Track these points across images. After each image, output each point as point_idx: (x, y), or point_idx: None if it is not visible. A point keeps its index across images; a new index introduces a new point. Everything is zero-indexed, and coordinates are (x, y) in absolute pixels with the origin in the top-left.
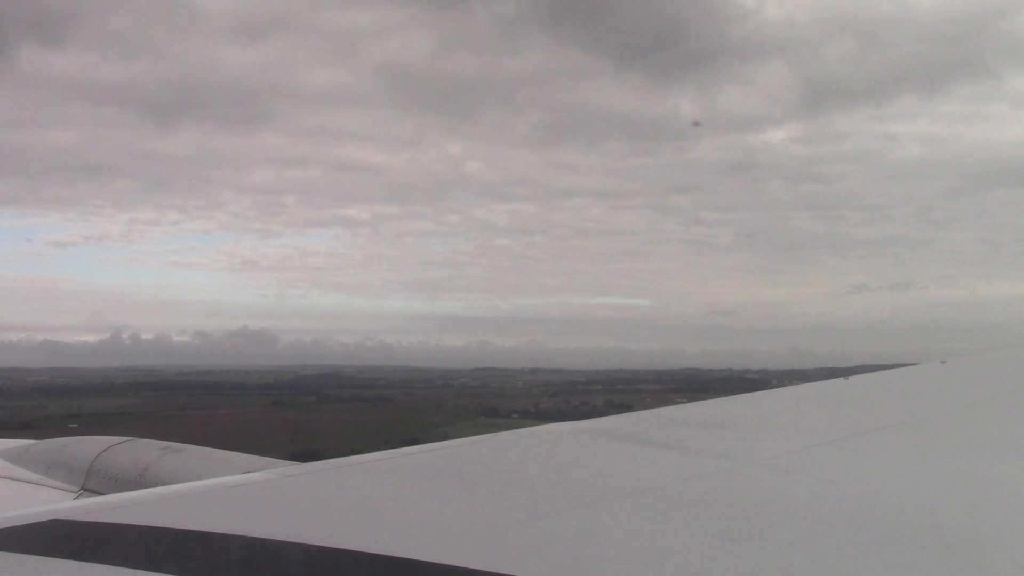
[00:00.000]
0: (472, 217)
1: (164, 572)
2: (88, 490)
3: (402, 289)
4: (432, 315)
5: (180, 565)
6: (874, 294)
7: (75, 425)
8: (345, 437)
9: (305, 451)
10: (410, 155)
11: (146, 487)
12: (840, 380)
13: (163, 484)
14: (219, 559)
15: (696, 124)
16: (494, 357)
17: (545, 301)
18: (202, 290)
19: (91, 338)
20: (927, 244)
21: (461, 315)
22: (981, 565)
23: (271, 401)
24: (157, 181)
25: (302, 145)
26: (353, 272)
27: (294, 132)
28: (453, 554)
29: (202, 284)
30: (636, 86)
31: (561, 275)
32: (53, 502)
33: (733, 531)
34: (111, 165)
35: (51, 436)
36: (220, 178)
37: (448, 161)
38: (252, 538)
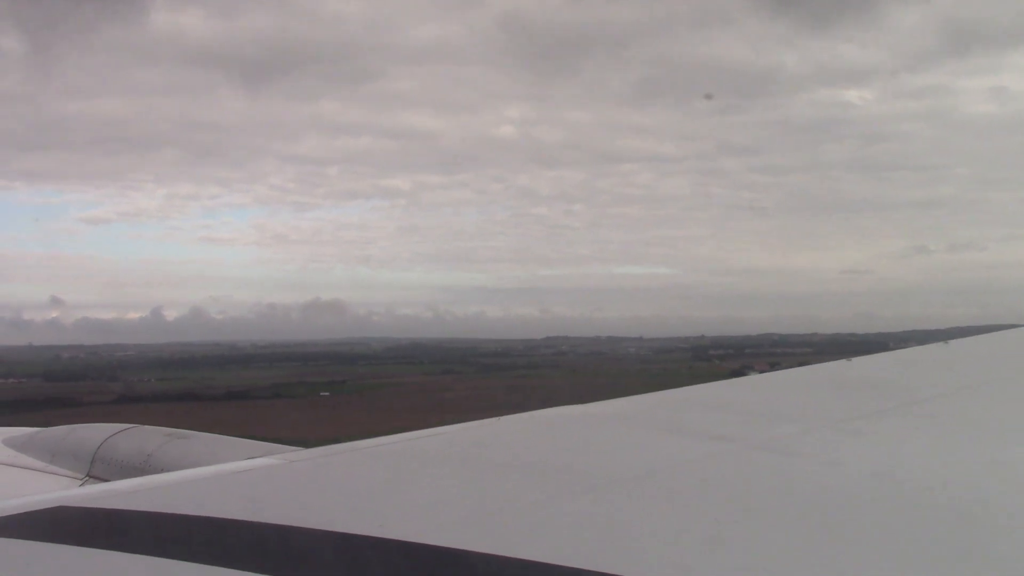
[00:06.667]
0: (515, 185)
1: (169, 558)
2: (93, 477)
3: (431, 261)
4: (458, 287)
5: (184, 551)
6: (932, 256)
7: (326, 393)
8: None
9: None
10: (466, 120)
11: (151, 474)
12: (842, 362)
13: (168, 471)
14: (223, 544)
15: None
16: (558, 326)
17: (588, 271)
18: (230, 264)
19: (118, 315)
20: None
21: (491, 287)
22: (985, 547)
23: (441, 369)
24: (203, 152)
25: (358, 111)
26: (383, 245)
27: (354, 98)
28: (458, 538)
29: (230, 259)
30: (779, 34)
31: (597, 244)
32: (58, 489)
33: (736, 514)
34: (160, 135)
35: (307, 405)
36: (266, 148)
37: (506, 125)
38: (257, 523)
